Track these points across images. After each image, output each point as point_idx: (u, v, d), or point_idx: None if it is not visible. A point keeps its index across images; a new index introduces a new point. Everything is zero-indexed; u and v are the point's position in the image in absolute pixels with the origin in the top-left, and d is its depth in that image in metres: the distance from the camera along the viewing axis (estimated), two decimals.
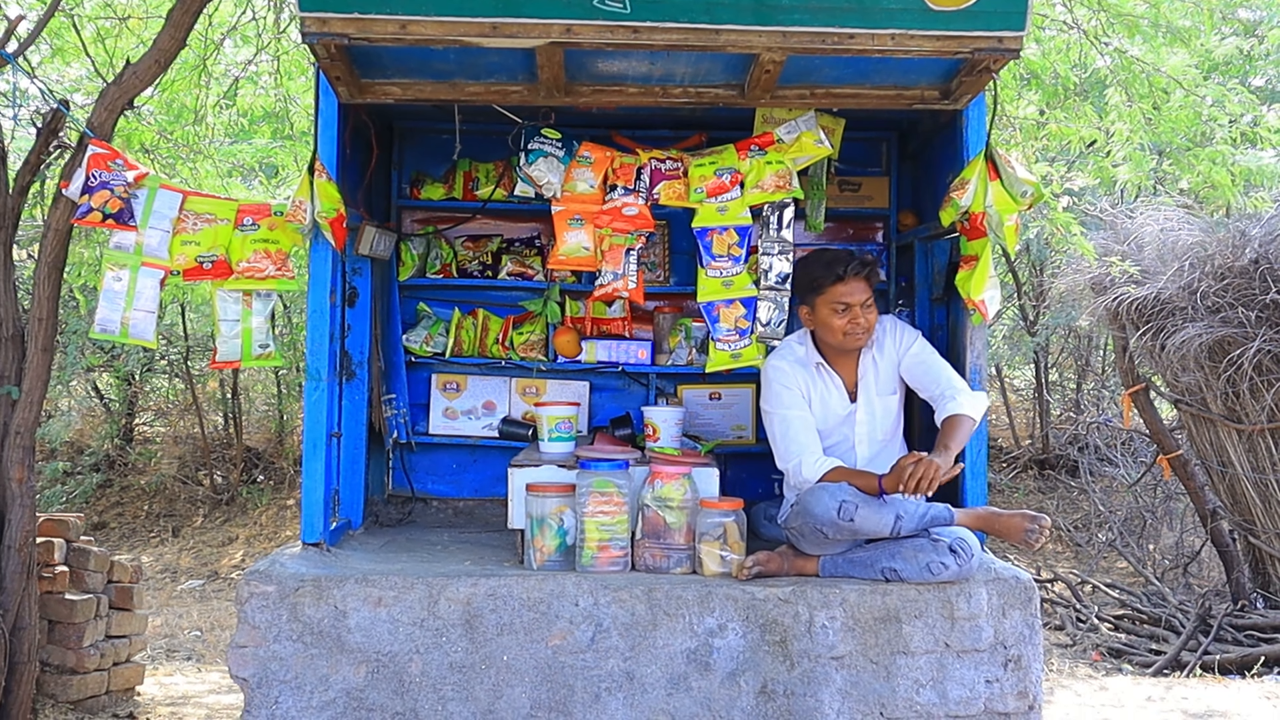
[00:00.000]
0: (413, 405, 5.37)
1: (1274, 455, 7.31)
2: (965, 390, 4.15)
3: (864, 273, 4.21)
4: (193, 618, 8.53)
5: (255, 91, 6.93)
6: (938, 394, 4.16)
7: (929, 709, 3.89)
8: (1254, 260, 7.05)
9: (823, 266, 4.23)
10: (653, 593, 3.88)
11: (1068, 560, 10.06)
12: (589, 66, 4.11)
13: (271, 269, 4.26)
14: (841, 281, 4.18)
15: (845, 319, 4.21)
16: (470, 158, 5.24)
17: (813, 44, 3.75)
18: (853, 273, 4.18)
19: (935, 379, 4.20)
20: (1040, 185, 4.24)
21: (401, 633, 3.87)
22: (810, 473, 4.08)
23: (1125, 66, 6.18)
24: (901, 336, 4.37)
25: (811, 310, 4.28)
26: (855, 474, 4.07)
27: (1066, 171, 7.23)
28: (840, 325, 4.22)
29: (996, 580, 3.98)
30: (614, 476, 4.06)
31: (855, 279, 4.19)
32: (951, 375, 4.21)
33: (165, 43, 4.47)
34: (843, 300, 4.19)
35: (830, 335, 4.26)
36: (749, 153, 4.47)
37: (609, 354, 5.29)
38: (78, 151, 4.38)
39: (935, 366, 4.25)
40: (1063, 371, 13.35)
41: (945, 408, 4.11)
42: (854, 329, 4.22)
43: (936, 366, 4.25)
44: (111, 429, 12.05)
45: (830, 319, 4.24)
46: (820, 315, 4.25)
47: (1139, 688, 6.07)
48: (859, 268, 4.19)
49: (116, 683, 5.47)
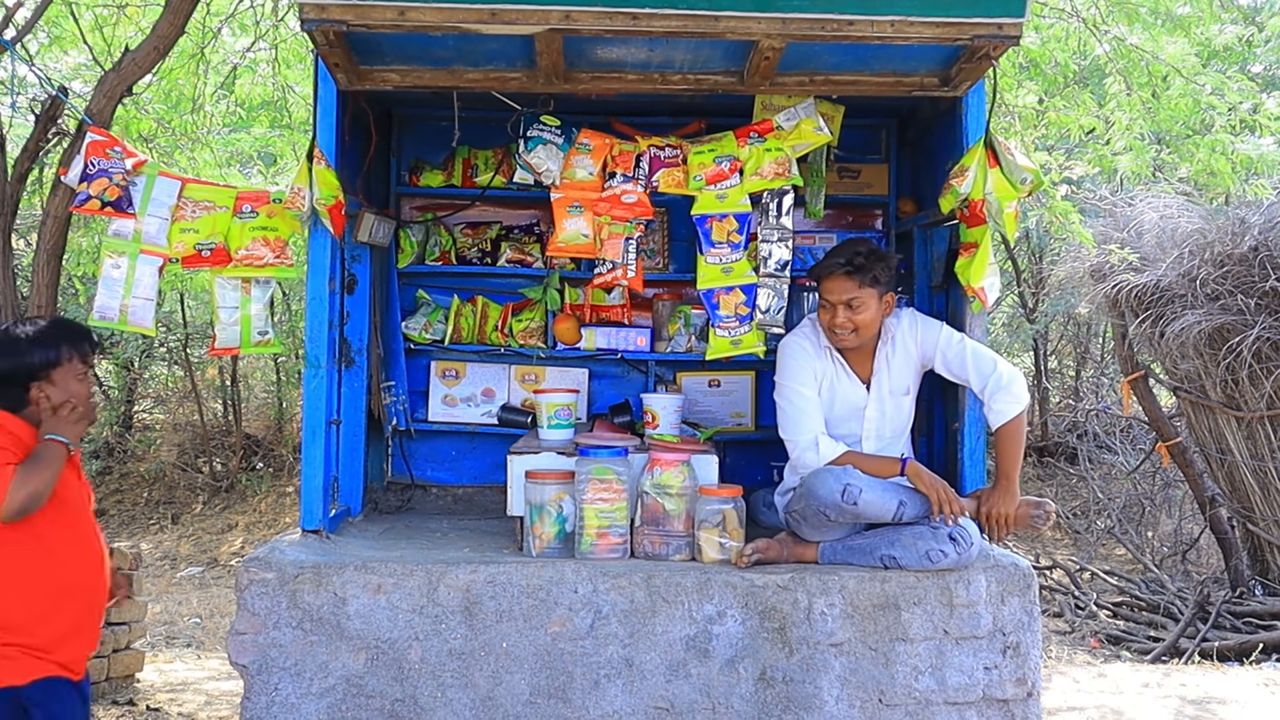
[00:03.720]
0: (412, 392, 5.37)
1: (1273, 442, 7.33)
2: (1001, 381, 4.06)
3: (845, 271, 4.09)
4: (192, 605, 8.55)
5: (253, 80, 6.92)
6: (979, 389, 4.10)
7: (928, 696, 3.90)
8: (1253, 248, 7.06)
9: (824, 258, 4.20)
10: (652, 580, 3.89)
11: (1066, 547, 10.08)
12: (588, 53, 4.10)
13: (270, 256, 4.25)
14: (827, 277, 4.13)
15: (827, 315, 4.16)
16: (469, 145, 5.23)
17: (812, 30, 3.74)
18: (830, 271, 4.11)
19: (970, 372, 4.11)
20: (1039, 173, 4.23)
21: (401, 620, 3.88)
22: (821, 455, 4.05)
23: (1124, 54, 6.17)
24: (924, 334, 4.25)
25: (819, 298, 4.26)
26: (866, 459, 4.06)
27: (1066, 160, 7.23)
28: (825, 321, 4.18)
29: (995, 567, 3.98)
30: (613, 463, 4.06)
31: (836, 277, 4.10)
32: (983, 361, 4.11)
33: (164, 29, 4.47)
34: (825, 298, 4.15)
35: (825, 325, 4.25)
36: (748, 140, 4.47)
37: (608, 341, 5.29)
38: (76, 139, 4.38)
39: (965, 355, 4.14)
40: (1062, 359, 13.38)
41: (990, 417, 4.09)
42: (834, 327, 4.14)
43: (966, 355, 4.14)
44: (111, 416, 12.07)
45: (820, 313, 4.22)
46: (821, 307, 4.23)
47: (1137, 674, 6.09)
48: (839, 267, 4.10)
49: (116, 670, 5.49)
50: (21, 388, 3.26)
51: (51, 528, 3.21)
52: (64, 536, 3.25)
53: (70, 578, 3.25)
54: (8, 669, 3.15)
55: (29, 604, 3.18)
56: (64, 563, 3.23)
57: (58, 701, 3.18)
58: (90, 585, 3.32)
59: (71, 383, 3.31)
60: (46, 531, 3.19)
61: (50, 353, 3.29)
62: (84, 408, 3.32)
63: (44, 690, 3.16)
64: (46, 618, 3.19)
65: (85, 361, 3.37)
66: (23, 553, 3.16)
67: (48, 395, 3.27)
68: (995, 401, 4.05)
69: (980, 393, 4.11)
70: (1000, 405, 4.05)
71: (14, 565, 3.16)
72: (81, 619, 3.29)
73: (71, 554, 3.26)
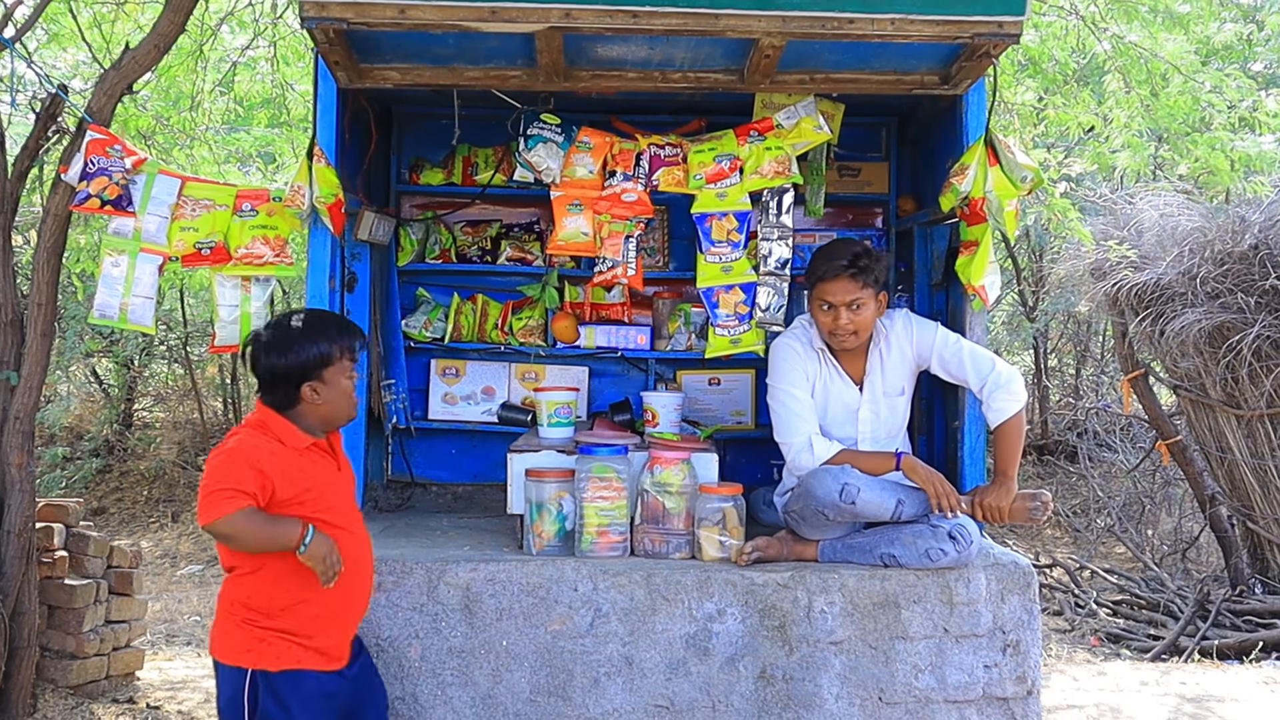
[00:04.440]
0: (412, 390, 5.37)
1: (1273, 441, 7.33)
2: (1000, 380, 4.05)
3: (849, 273, 4.03)
4: (192, 603, 8.56)
5: (252, 77, 6.91)
6: (977, 388, 4.09)
7: (928, 694, 3.90)
8: (1253, 246, 7.06)
9: (819, 259, 4.12)
10: (652, 578, 3.89)
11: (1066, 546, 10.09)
12: (588, 51, 4.10)
13: (270, 255, 4.25)
14: (827, 279, 4.06)
15: (829, 317, 4.10)
16: (469, 143, 5.23)
17: (812, 29, 3.74)
18: (834, 274, 4.04)
19: (969, 372, 4.10)
20: (1040, 170, 4.23)
21: (401, 617, 3.88)
22: (816, 456, 4.04)
23: (1124, 52, 6.16)
24: (919, 336, 4.22)
25: (809, 301, 4.20)
26: (861, 455, 4.06)
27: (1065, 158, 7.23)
28: (825, 323, 4.12)
29: (995, 565, 3.98)
30: (613, 462, 4.05)
31: (839, 279, 4.04)
32: (981, 361, 4.10)
33: (164, 27, 4.46)
34: (825, 298, 4.08)
35: (820, 330, 4.19)
36: (748, 138, 4.46)
37: (608, 339, 5.29)
38: (76, 136, 4.37)
39: (962, 356, 4.12)
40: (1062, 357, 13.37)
41: (989, 415, 4.09)
42: (836, 329, 4.10)
43: (963, 355, 4.12)
44: (111, 414, 12.08)
45: (816, 314, 4.15)
46: (812, 308, 4.18)
47: (1137, 672, 6.09)
48: (843, 269, 4.03)
49: (116, 668, 5.48)
50: (294, 386, 3.27)
51: (320, 515, 3.25)
52: (333, 526, 3.28)
53: (343, 580, 3.27)
54: (264, 653, 3.20)
55: (294, 591, 3.23)
56: None
57: (298, 695, 3.22)
58: (355, 574, 3.35)
59: (341, 380, 3.33)
60: (314, 520, 3.22)
61: (323, 351, 3.29)
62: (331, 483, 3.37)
63: (290, 681, 3.21)
64: (309, 605, 3.25)
65: (353, 358, 3.39)
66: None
67: (318, 393, 3.29)
68: (995, 400, 4.05)
69: (979, 392, 4.10)
70: (1000, 403, 4.04)
71: (295, 568, 3.20)
72: (345, 607, 3.34)
73: (350, 555, 3.30)
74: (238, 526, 3.09)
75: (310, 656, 3.24)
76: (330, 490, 3.33)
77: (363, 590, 3.43)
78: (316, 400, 3.28)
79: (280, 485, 3.17)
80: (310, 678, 3.24)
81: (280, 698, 3.19)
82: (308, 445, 3.31)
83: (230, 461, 3.16)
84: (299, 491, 3.21)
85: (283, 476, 3.18)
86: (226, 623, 3.27)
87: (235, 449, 3.19)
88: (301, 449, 3.28)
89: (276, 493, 3.17)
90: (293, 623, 3.23)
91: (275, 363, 3.26)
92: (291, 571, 3.20)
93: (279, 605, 3.22)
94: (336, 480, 3.40)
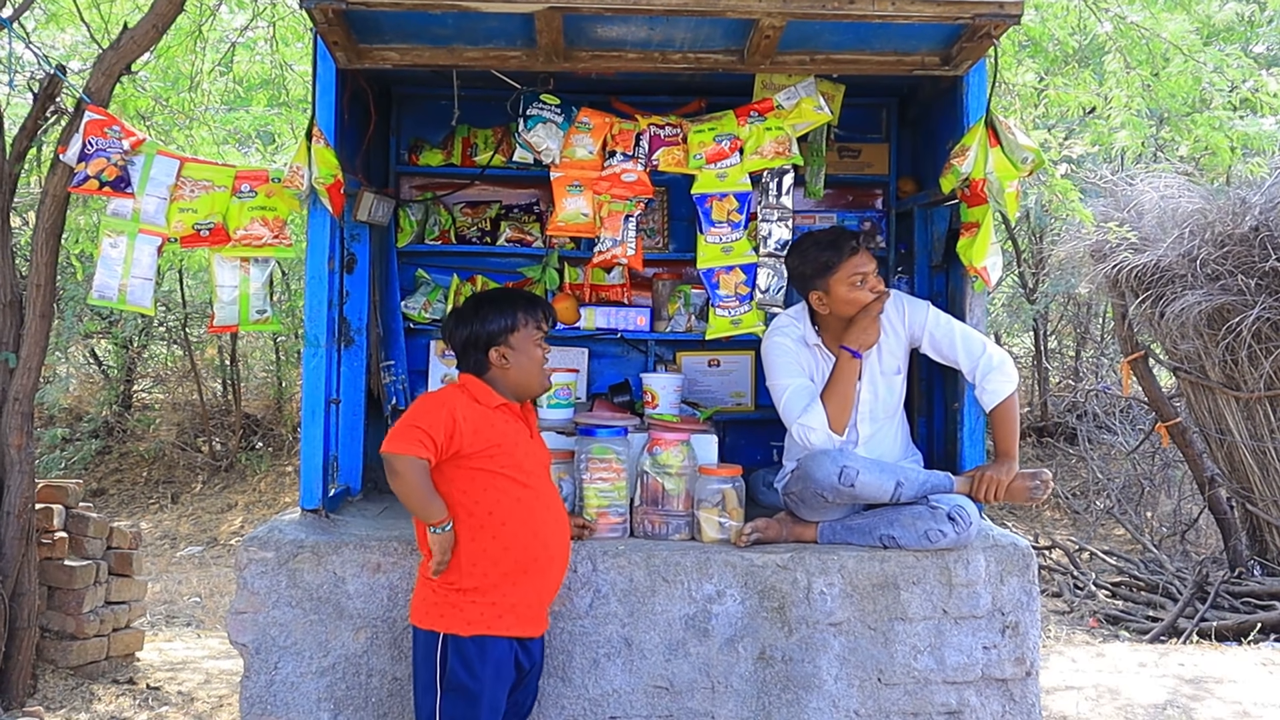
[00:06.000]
0: (412, 372, 5.35)
1: (1272, 423, 7.33)
2: (992, 362, 4.08)
3: (863, 246, 4.17)
4: (192, 584, 8.57)
5: (251, 58, 6.89)
6: (968, 370, 4.12)
7: (927, 675, 3.91)
8: (1254, 228, 7.05)
9: (828, 247, 4.13)
10: (651, 559, 3.89)
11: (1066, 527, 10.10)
12: (588, 31, 4.08)
13: (269, 236, 4.24)
14: (855, 254, 4.11)
15: (866, 287, 4.12)
16: (469, 124, 5.21)
17: (812, 9, 3.72)
18: (855, 249, 4.12)
19: (960, 353, 4.12)
20: (1040, 151, 4.21)
21: (400, 598, 3.88)
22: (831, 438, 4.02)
23: (1124, 32, 6.14)
24: (910, 314, 4.25)
25: (826, 293, 4.15)
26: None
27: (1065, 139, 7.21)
28: (862, 296, 4.12)
29: (994, 547, 3.99)
30: (613, 443, 4.06)
31: (861, 252, 4.12)
32: (972, 343, 4.13)
33: (163, 7, 4.45)
34: (859, 271, 4.10)
35: (852, 309, 4.15)
36: (748, 119, 4.45)
37: (608, 320, 5.28)
38: (75, 117, 4.36)
39: (954, 337, 4.15)
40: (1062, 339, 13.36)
41: (983, 398, 4.10)
42: (878, 291, 4.14)
43: (954, 336, 4.15)
44: (110, 395, 12.07)
45: (851, 294, 4.12)
46: (839, 293, 4.13)
47: (1136, 654, 6.10)
48: (858, 244, 4.15)
49: (116, 648, 5.50)
50: (483, 352, 3.58)
51: (507, 471, 3.47)
52: (520, 485, 3.49)
53: (531, 538, 3.47)
54: (455, 618, 3.40)
55: (484, 545, 3.42)
56: (524, 521, 3.47)
57: (484, 661, 3.39)
58: (542, 536, 3.51)
59: (530, 348, 3.62)
60: (500, 475, 3.46)
61: (508, 319, 3.59)
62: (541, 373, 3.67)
63: (478, 646, 3.39)
64: (507, 575, 3.44)
65: (540, 327, 3.66)
66: (492, 512, 3.44)
67: (506, 359, 3.57)
68: (989, 381, 4.05)
69: (970, 374, 4.11)
70: (994, 385, 4.05)
71: (481, 524, 3.43)
72: (534, 566, 3.49)
73: (536, 513, 3.51)
74: (407, 469, 3.33)
75: (501, 619, 3.42)
76: (520, 451, 3.53)
77: (550, 555, 3.54)
78: (506, 365, 3.57)
79: (470, 438, 3.41)
80: (497, 645, 3.42)
81: (467, 660, 3.37)
82: (499, 404, 3.55)
83: (434, 405, 3.46)
84: (487, 445, 3.45)
85: (474, 431, 3.43)
86: (424, 589, 3.50)
87: (441, 394, 3.57)
88: (493, 407, 3.53)
89: (465, 444, 3.41)
90: (483, 580, 3.41)
91: (464, 330, 3.59)
92: (480, 526, 3.42)
93: (469, 560, 3.40)
94: (528, 444, 3.60)
